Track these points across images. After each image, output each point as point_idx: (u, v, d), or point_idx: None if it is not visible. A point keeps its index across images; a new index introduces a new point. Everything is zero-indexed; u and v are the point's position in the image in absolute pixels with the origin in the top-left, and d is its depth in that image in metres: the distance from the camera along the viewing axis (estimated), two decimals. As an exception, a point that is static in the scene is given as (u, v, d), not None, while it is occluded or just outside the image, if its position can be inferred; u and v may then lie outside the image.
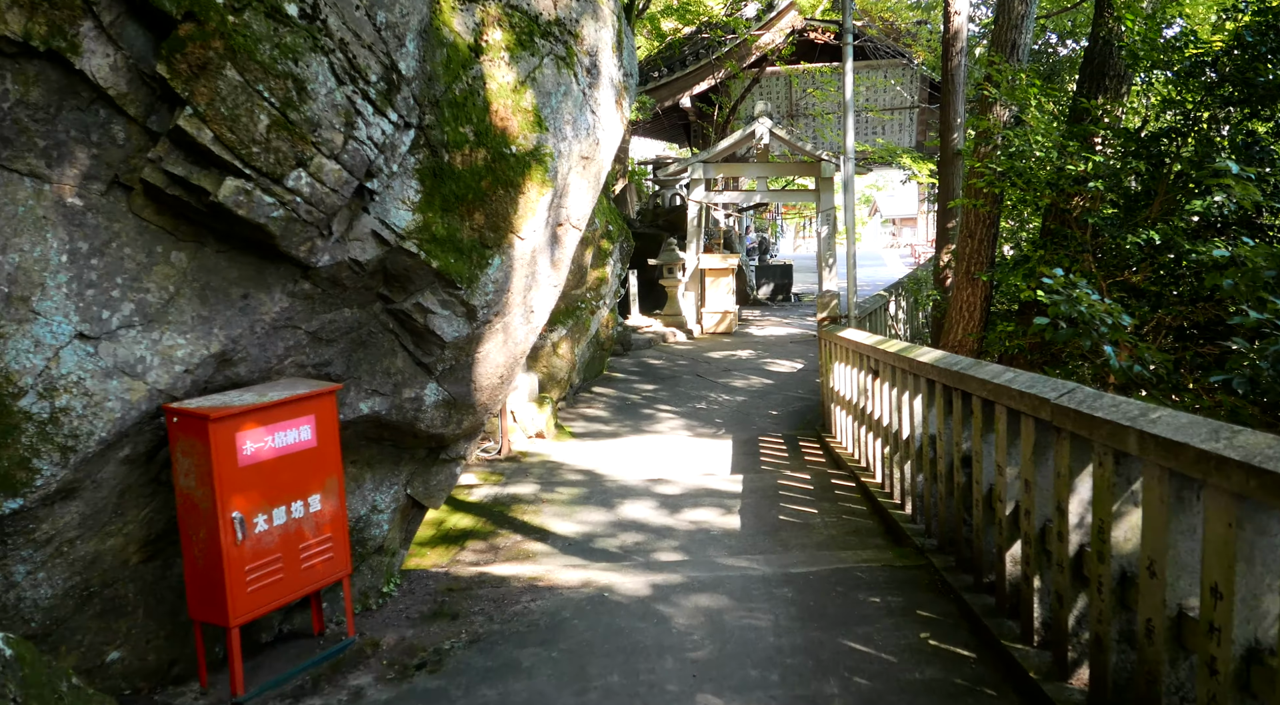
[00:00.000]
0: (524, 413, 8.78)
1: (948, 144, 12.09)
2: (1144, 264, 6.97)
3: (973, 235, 9.22)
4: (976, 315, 9.26)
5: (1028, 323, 8.16)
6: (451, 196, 3.70)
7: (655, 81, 23.00)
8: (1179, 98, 6.28)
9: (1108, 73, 7.82)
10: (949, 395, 4.41)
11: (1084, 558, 3.01)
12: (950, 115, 12.14)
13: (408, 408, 3.94)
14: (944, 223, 12.27)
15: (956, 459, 4.27)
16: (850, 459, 7.13)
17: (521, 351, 4.26)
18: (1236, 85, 5.92)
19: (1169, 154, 6.55)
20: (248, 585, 3.21)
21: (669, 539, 5.41)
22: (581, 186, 4.36)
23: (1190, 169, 6.17)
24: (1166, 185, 6.63)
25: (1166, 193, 6.67)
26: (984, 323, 9.25)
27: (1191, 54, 6.21)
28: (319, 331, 3.64)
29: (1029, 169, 7.58)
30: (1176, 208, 6.81)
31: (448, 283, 3.75)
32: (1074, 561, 3.04)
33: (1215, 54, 5.93)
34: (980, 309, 9.29)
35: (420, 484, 4.32)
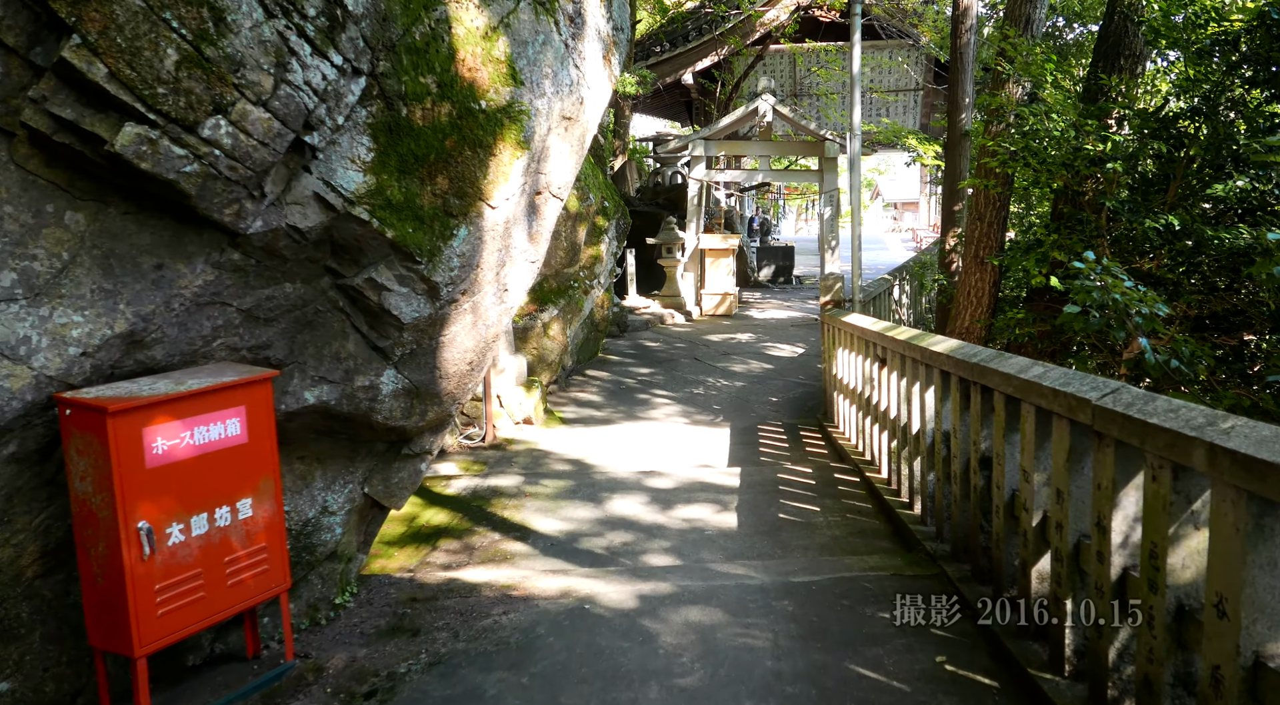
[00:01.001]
0: (511, 397, 8.36)
1: (955, 124, 11.61)
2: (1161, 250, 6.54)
3: (982, 218, 8.76)
4: (985, 301, 8.83)
5: (1038, 309, 7.77)
6: (410, 157, 3.25)
7: (657, 56, 22.38)
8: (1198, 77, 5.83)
9: (1123, 52, 7.34)
10: (966, 389, 3.98)
11: (1129, 583, 2.59)
12: (958, 95, 11.65)
13: (361, 398, 3.51)
14: (950, 205, 11.81)
15: (974, 459, 3.85)
16: (854, 451, 6.72)
17: (494, 335, 3.83)
18: (1259, 66, 5.49)
19: (1188, 136, 6.11)
20: (158, 607, 2.79)
21: (660, 539, 5.01)
22: (563, 151, 3.90)
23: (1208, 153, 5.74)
24: (1184, 168, 6.19)
25: (1184, 176, 6.23)
26: (992, 309, 8.83)
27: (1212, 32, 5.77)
28: (254, 310, 3.20)
29: (1043, 149, 7.12)
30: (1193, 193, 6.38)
31: (405, 256, 3.31)
32: (1116, 586, 2.62)
33: (1236, 33, 5.50)
34: (989, 294, 8.85)
35: (380, 482, 3.90)
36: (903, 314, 13.26)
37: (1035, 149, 7.00)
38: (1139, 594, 2.46)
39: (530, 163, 3.64)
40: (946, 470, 4.35)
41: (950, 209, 11.70)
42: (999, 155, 7.19)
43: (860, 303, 9.37)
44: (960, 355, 4.01)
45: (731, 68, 21.97)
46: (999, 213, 8.56)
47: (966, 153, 11.59)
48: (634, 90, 17.32)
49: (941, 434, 4.43)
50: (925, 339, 4.83)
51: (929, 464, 4.70)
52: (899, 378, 5.37)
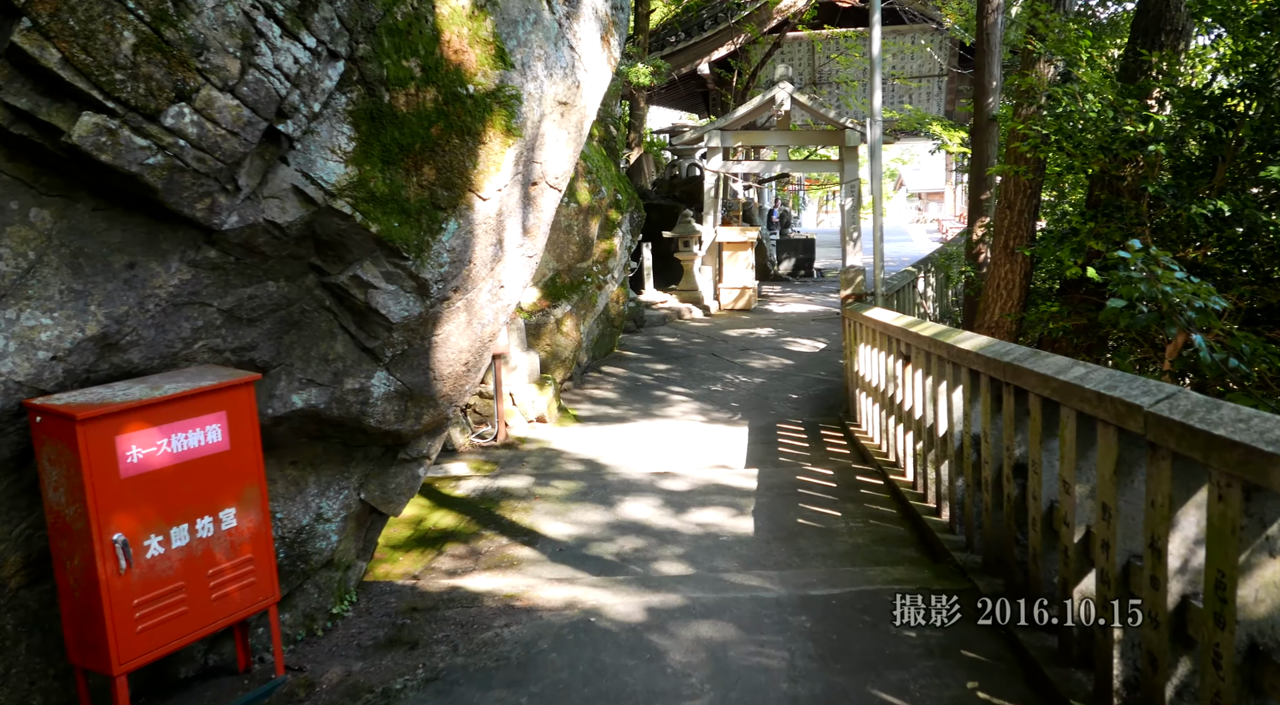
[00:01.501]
0: (524, 395, 8.18)
1: (982, 109, 11.21)
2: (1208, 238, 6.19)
3: (1012, 206, 8.43)
4: (1015, 293, 8.49)
5: (1072, 302, 7.44)
6: (394, 146, 3.04)
7: (672, 46, 22.06)
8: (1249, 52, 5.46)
9: (1164, 27, 6.96)
10: (998, 390, 3.71)
11: (1190, 614, 2.33)
12: (985, 78, 11.25)
13: (351, 401, 3.31)
14: (977, 194, 11.43)
15: (1007, 466, 3.59)
16: (877, 452, 6.45)
17: (490, 333, 3.62)
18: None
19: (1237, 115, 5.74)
20: (136, 623, 2.62)
21: (672, 545, 4.79)
22: (559, 138, 3.67)
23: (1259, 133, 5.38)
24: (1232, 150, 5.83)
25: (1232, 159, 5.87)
26: (1023, 302, 8.49)
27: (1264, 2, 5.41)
28: (236, 310, 3.01)
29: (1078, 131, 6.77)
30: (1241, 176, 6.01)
31: (392, 251, 3.10)
32: (1175, 617, 2.36)
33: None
34: (1019, 287, 8.52)
35: (376, 487, 3.71)
36: (928, 308, 12.91)
37: (1069, 132, 6.66)
38: (1203, 628, 2.19)
39: (523, 151, 3.42)
40: (977, 476, 4.09)
41: (977, 198, 11.33)
42: (1030, 139, 6.86)
43: (883, 296, 9.07)
44: (991, 353, 3.74)
45: (748, 56, 21.59)
46: (1030, 200, 8.22)
47: (994, 138, 11.20)
48: (648, 81, 17.03)
49: (971, 437, 4.17)
50: (952, 335, 4.56)
51: (957, 468, 4.43)
52: (924, 376, 5.10)
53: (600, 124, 11.80)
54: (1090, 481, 2.86)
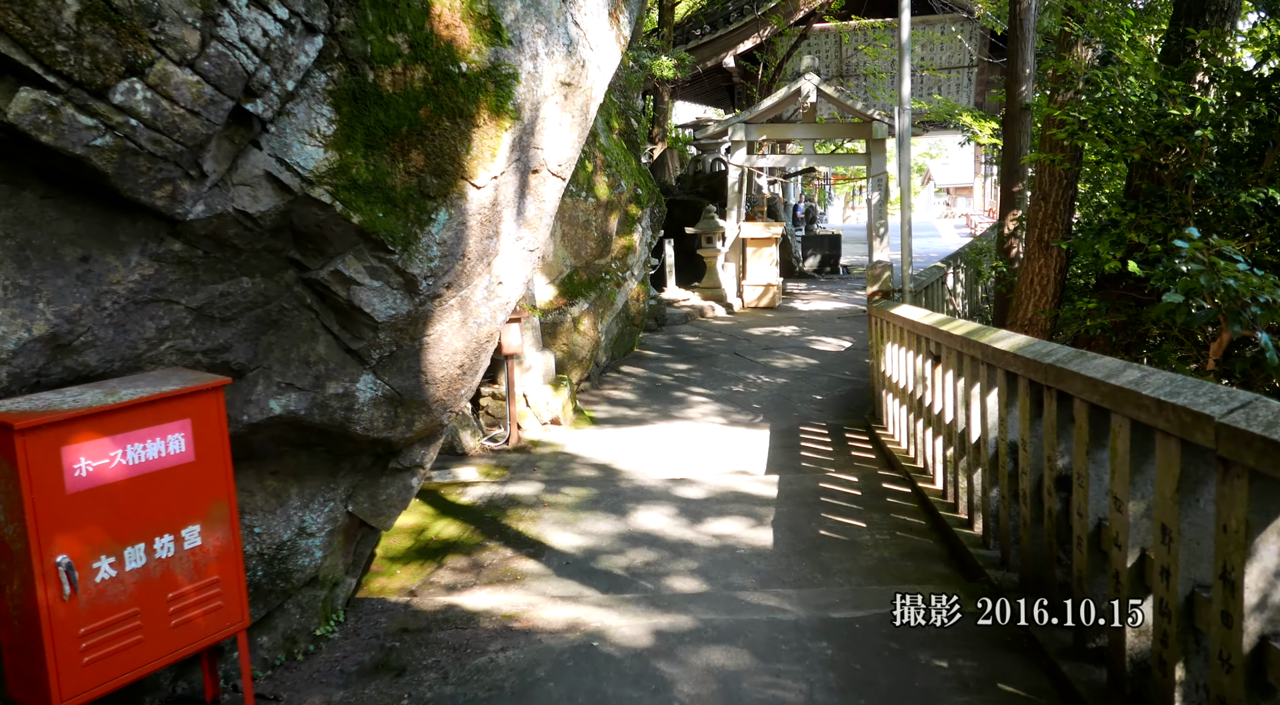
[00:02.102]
0: (538, 396, 7.95)
1: (1015, 97, 10.79)
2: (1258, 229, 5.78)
3: (1046, 197, 8.02)
4: (1050, 289, 8.09)
5: (1111, 298, 7.05)
6: (379, 129, 2.80)
7: (697, 39, 21.75)
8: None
9: (1209, 7, 6.53)
10: (1038, 394, 3.39)
11: (1269, 656, 2.01)
12: (1018, 65, 10.82)
13: (334, 407, 3.08)
14: (1009, 186, 11.00)
15: (1049, 478, 3.27)
16: (904, 457, 6.13)
17: (488, 334, 3.37)
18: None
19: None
20: (82, 655, 2.40)
21: (685, 559, 4.51)
22: (562, 122, 3.41)
23: None
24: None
25: (1286, 144, 5.46)
26: (1058, 298, 8.08)
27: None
28: (207, 308, 2.79)
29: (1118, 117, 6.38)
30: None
31: (376, 244, 2.86)
32: (1251, 660, 2.04)
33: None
34: (1054, 282, 8.11)
35: (365, 499, 3.48)
36: (957, 304, 12.49)
37: (1110, 117, 6.28)
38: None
39: (521, 135, 3.16)
40: (1013, 487, 3.76)
41: (1009, 190, 10.90)
42: (1068, 125, 6.47)
43: (911, 293, 8.72)
44: (1030, 354, 3.41)
45: (774, 49, 21.19)
46: (1066, 191, 7.81)
47: (1027, 128, 10.77)
48: (671, 74, 16.74)
49: (1007, 445, 3.84)
50: (986, 334, 4.23)
51: (991, 478, 4.11)
52: (955, 377, 4.77)
53: (621, 117, 11.54)
54: (1146, 499, 2.54)
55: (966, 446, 4.54)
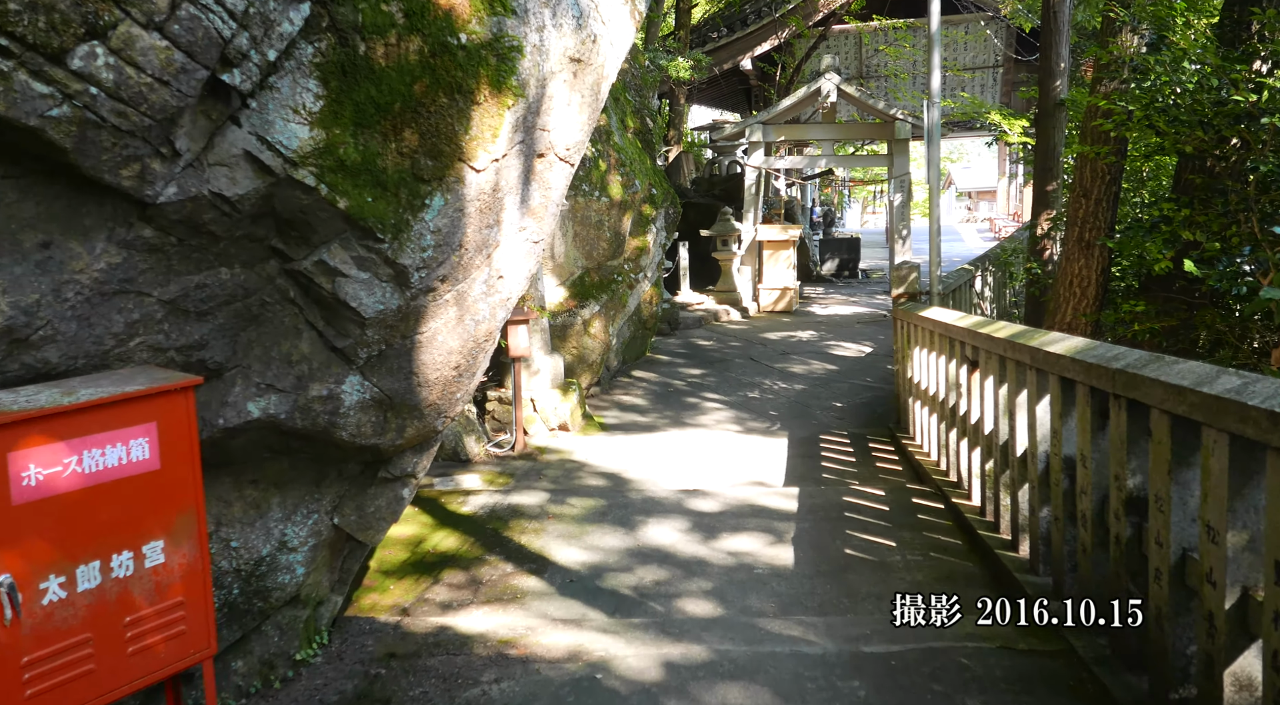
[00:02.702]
0: (546, 401, 7.63)
1: (1048, 93, 10.41)
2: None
3: (1088, 194, 7.62)
4: (1091, 291, 7.68)
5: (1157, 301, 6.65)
6: (369, 105, 2.49)
7: (714, 42, 21.45)
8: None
9: None
10: (1103, 403, 3.03)
11: None
12: (1052, 60, 10.45)
13: (318, 410, 2.77)
14: (1043, 184, 10.61)
15: (1116, 499, 2.90)
16: (934, 469, 5.75)
17: (487, 332, 3.04)
18: None
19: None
20: (25, 687, 2.10)
21: (699, 579, 4.17)
22: (571, 102, 3.08)
23: None
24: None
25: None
26: (1100, 300, 7.68)
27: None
28: (181, 301, 2.49)
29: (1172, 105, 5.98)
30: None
31: (364, 232, 2.55)
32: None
33: None
34: (1096, 284, 7.71)
35: (352, 511, 3.17)
36: (985, 308, 12.07)
37: (1163, 106, 5.88)
38: None
39: (525, 114, 2.84)
40: (1069, 508, 3.40)
41: (1042, 189, 10.50)
42: (1115, 115, 6.08)
43: (939, 294, 8.33)
44: (1092, 358, 3.05)
45: (792, 51, 20.85)
46: (1109, 187, 7.42)
47: (1062, 124, 10.38)
48: (688, 75, 16.42)
49: (1061, 459, 3.47)
50: (1034, 337, 3.86)
51: (1042, 495, 3.74)
52: (997, 384, 4.40)
53: (636, 116, 11.24)
54: (1250, 528, 2.18)
55: (1010, 460, 4.17)
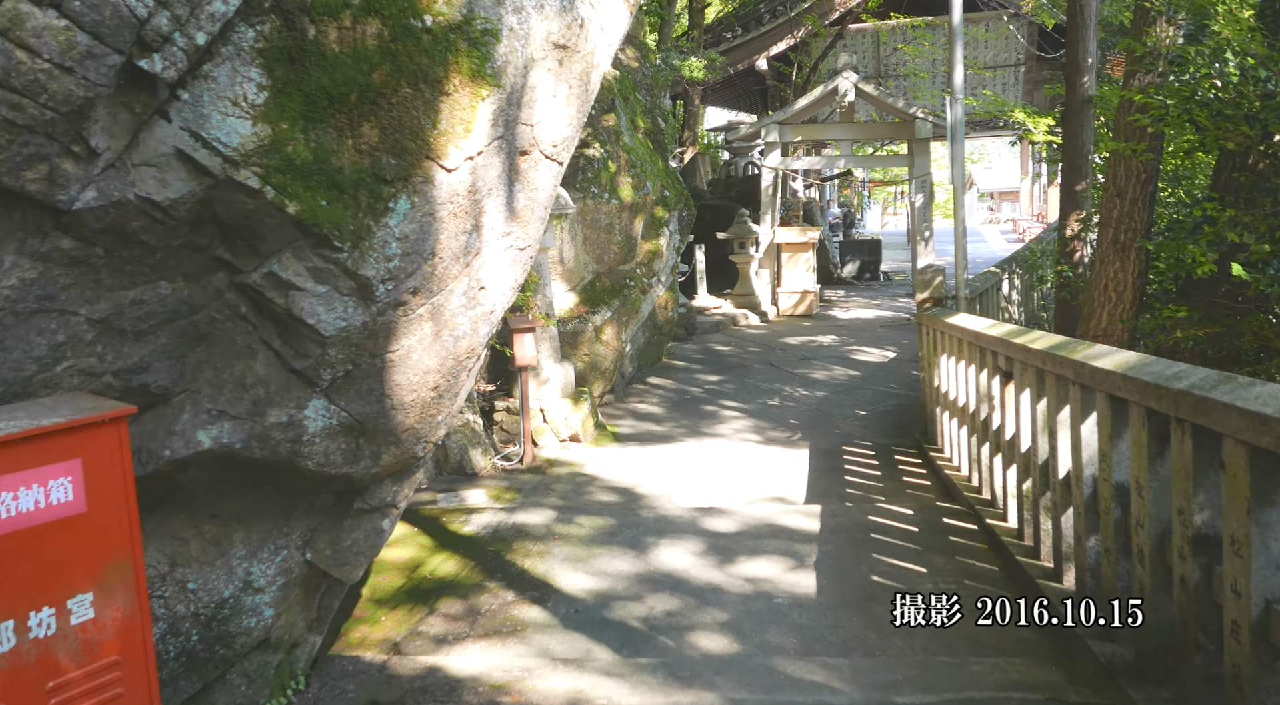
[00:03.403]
0: (556, 411, 7.35)
1: (1076, 89, 9.99)
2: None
3: (1122, 194, 7.21)
4: (1128, 295, 7.26)
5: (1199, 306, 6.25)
6: (321, 97, 2.22)
7: (728, 42, 21.14)
8: None
9: None
10: (1162, 427, 2.68)
11: None
12: (1079, 55, 10.03)
13: (277, 439, 2.49)
14: (1071, 184, 10.17)
15: (1180, 536, 2.55)
16: (965, 485, 5.40)
17: (468, 348, 2.76)
18: None
19: None
20: (-75, 770, 1.85)
21: (713, 609, 3.86)
22: (556, 92, 2.79)
23: None
24: None
25: None
26: (1137, 305, 7.27)
27: None
28: (115, 319, 2.23)
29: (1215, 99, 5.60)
30: None
31: (319, 240, 2.27)
32: None
33: None
34: (1132, 287, 7.29)
35: (326, 546, 2.89)
36: (1013, 312, 11.64)
37: (1204, 99, 5.50)
38: None
39: (504, 106, 2.55)
40: (1122, 540, 3.05)
41: (1071, 189, 10.07)
42: (1153, 109, 5.70)
43: (966, 299, 7.96)
44: (1149, 376, 2.71)
45: (809, 50, 20.49)
46: (1145, 186, 7.01)
47: (1090, 122, 9.96)
48: (701, 75, 16.10)
49: (1112, 486, 3.12)
50: (1078, 349, 3.52)
51: (1088, 523, 3.38)
52: (1035, 399, 4.05)
53: (647, 115, 10.95)
54: (1357, 586, 1.83)
55: (1051, 482, 3.82)
